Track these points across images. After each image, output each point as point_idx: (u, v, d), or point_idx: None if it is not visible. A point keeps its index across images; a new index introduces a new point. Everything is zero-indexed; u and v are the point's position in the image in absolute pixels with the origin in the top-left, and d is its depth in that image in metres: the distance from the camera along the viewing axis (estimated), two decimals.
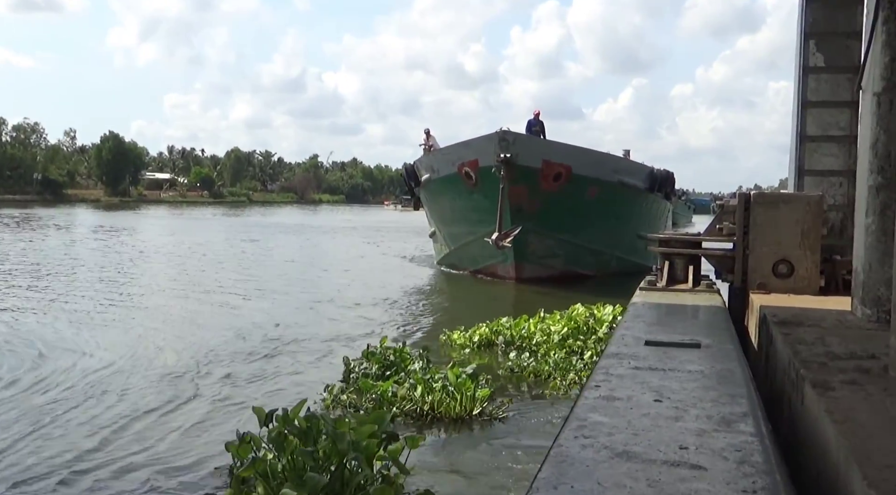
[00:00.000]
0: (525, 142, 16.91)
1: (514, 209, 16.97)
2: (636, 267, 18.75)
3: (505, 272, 18.38)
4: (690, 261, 6.82)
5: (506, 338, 9.50)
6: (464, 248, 19.74)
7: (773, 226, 6.30)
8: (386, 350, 7.64)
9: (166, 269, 18.32)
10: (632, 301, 5.44)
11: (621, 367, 3.39)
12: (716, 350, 3.76)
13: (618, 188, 18.57)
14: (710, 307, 5.30)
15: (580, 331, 9.35)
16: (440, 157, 19.16)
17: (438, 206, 20.91)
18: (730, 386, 3.12)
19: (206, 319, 10.91)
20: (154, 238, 29.47)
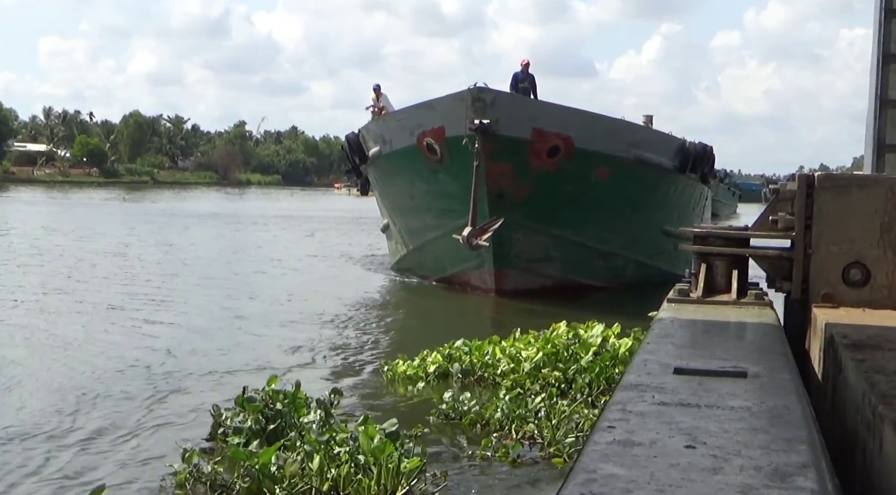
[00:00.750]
0: (509, 103, 16.93)
1: (494, 195, 16.99)
2: (661, 275, 18.99)
3: (481, 281, 18.47)
4: (734, 263, 6.87)
5: (463, 367, 9.80)
6: (426, 249, 19.91)
7: (844, 219, 6.36)
8: (275, 394, 7.46)
9: (40, 276, 18.12)
10: (657, 316, 5.48)
11: (643, 402, 3.42)
12: (767, 380, 3.80)
13: (636, 167, 18.63)
14: (760, 325, 5.34)
15: (559, 357, 9.63)
16: (393, 124, 19.19)
17: (392, 191, 21.05)
18: (785, 427, 3.14)
19: (86, 345, 10.93)
20: (24, 231, 29.13)
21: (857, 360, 4.52)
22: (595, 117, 18.29)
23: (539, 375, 9.46)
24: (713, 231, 7.29)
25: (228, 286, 18.00)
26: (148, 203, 56.06)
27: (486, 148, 16.33)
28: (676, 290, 6.69)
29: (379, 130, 20.14)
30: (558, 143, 17.30)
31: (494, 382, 9.50)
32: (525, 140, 16.86)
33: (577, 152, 17.50)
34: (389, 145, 19.39)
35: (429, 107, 17.75)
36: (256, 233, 32.76)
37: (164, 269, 21.02)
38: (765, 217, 7.07)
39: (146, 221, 36.38)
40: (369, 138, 20.62)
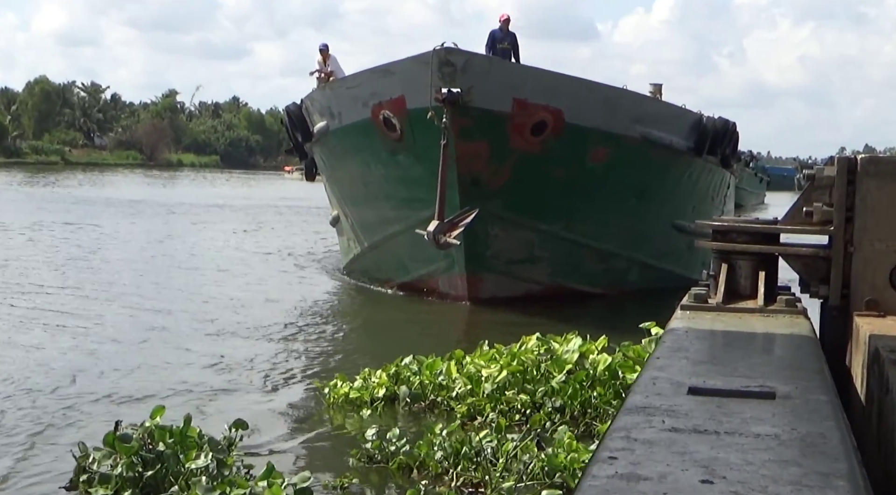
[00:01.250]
0: (484, 67, 16.56)
1: (466, 181, 16.78)
2: (672, 279, 18.90)
3: (450, 287, 18.29)
4: (761, 263, 6.97)
5: (412, 390, 9.84)
6: (384, 247, 19.79)
7: (893, 210, 6.45)
8: (159, 431, 7.07)
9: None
10: (669, 325, 5.55)
11: (650, 429, 3.47)
12: (800, 402, 3.87)
13: (641, 148, 18.42)
14: (792, 336, 5.42)
15: (527, 377, 9.65)
16: (343, 94, 18.96)
17: (342, 175, 20.96)
18: (821, 459, 3.20)
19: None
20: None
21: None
22: (591, 86, 18.03)
23: (502, 399, 9.51)
24: (736, 225, 7.39)
25: (152, 291, 18.13)
26: (58, 188, 55.52)
27: (457, 123, 16.09)
28: (692, 295, 6.77)
29: (326, 101, 19.90)
30: (545, 118, 17.05)
31: (449, 408, 9.57)
32: (504, 113, 16.62)
33: (569, 129, 17.25)
34: (338, 119, 19.23)
35: (386, 72, 17.45)
36: (187, 226, 32.72)
37: (76, 270, 21.17)
38: (798, 208, 7.16)
39: (56, 211, 36.09)
40: (314, 110, 20.51)
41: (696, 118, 20.52)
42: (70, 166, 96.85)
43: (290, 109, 21.78)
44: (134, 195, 50.89)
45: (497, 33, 20.57)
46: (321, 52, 22.85)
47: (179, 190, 61.63)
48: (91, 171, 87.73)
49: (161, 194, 54.79)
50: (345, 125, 18.90)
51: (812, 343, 5.45)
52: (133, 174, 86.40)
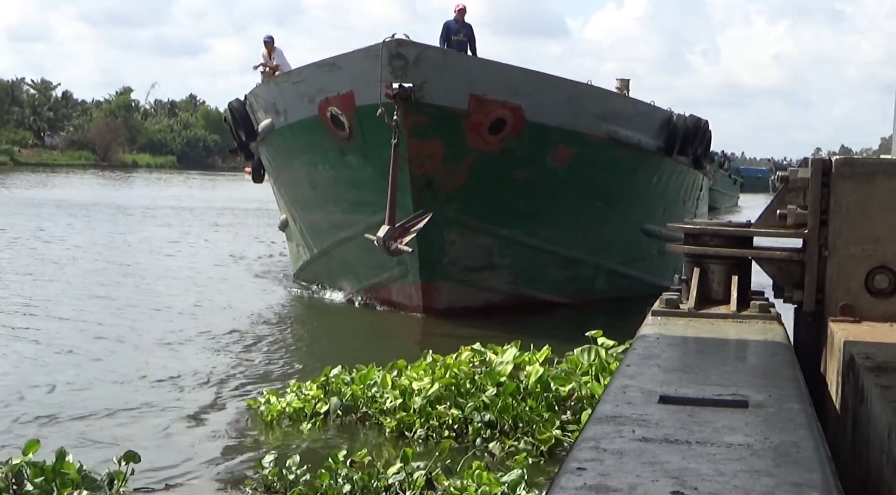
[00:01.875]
0: (438, 61, 15.94)
1: (419, 183, 16.19)
2: (642, 287, 18.58)
3: (404, 297, 17.69)
4: (734, 268, 6.99)
5: (343, 402, 9.69)
6: (334, 253, 19.23)
7: (868, 214, 6.48)
8: (33, 469, 6.54)
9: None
10: (640, 331, 5.54)
11: (620, 438, 3.46)
12: (773, 411, 3.86)
13: (607, 148, 17.88)
14: (766, 343, 5.43)
15: (460, 390, 9.43)
16: (288, 89, 18.24)
17: (289, 177, 20.29)
18: (795, 469, 3.20)
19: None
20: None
21: (883, 387, 4.59)
22: (553, 82, 17.32)
23: (432, 413, 9.28)
24: (708, 228, 7.40)
25: (99, 300, 17.95)
26: (5, 189, 54.93)
27: (409, 120, 15.50)
28: (663, 301, 6.78)
29: (270, 97, 19.17)
30: (504, 115, 16.39)
31: (379, 420, 9.45)
32: (460, 110, 15.96)
33: (530, 127, 16.65)
34: (284, 116, 18.54)
35: (333, 66, 16.71)
36: (138, 231, 32.49)
37: (24, 268, 21.35)
38: (771, 211, 7.18)
39: (5, 211, 35.73)
40: (258, 107, 19.79)
41: (665, 116, 19.96)
42: (19, 167, 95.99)
43: (233, 106, 20.90)
44: (85, 197, 50.64)
45: (452, 24, 20.04)
46: (266, 45, 22.10)
47: (134, 191, 61.43)
48: (41, 172, 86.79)
49: (115, 195, 54.53)
50: (290, 123, 18.30)
51: (786, 349, 5.46)
52: (85, 175, 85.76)
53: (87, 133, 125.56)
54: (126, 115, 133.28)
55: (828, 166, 6.85)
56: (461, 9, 20.09)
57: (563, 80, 17.54)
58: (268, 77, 20.88)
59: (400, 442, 9.03)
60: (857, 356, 5.11)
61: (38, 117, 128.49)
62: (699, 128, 20.56)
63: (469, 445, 8.80)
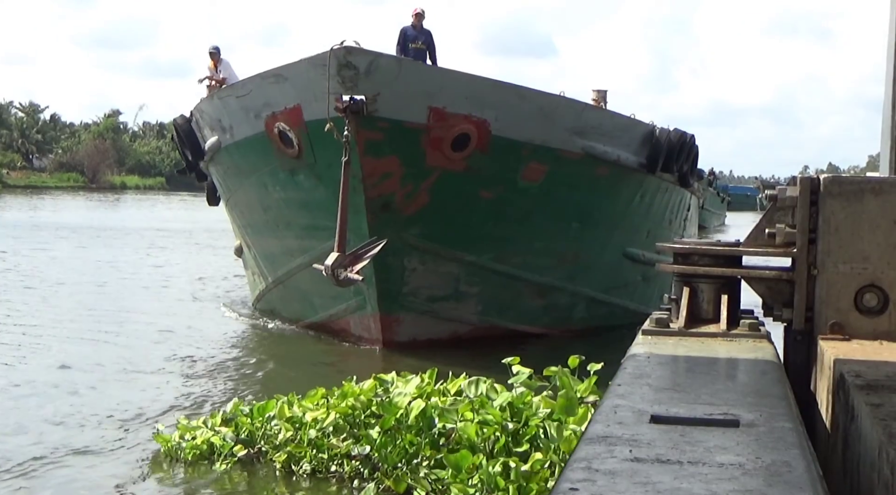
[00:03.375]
0: (393, 70, 14.90)
1: (376, 205, 15.30)
2: (625, 315, 17.91)
3: (363, 329, 16.72)
4: (724, 287, 7.15)
5: (239, 434, 9.54)
6: (289, 282, 18.20)
7: (857, 232, 6.63)
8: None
9: None
10: (631, 351, 5.63)
11: (612, 459, 3.55)
12: (764, 430, 3.94)
13: (583, 164, 16.85)
14: (756, 361, 5.53)
15: (356, 419, 9.22)
16: (233, 104, 17.09)
17: (240, 199, 19.25)
18: (786, 488, 3.29)
19: None
20: None
21: (873, 405, 4.66)
22: (522, 93, 16.18)
23: (325, 445, 9.04)
24: (698, 247, 7.50)
25: (50, 328, 17.92)
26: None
27: (361, 137, 14.53)
28: (653, 320, 6.92)
29: (215, 112, 17.98)
30: (468, 130, 15.37)
31: (271, 454, 9.29)
32: (419, 125, 15.00)
33: (497, 143, 15.64)
34: (230, 133, 17.48)
35: (278, 77, 15.68)
36: (114, 254, 32.42)
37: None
38: (760, 229, 7.32)
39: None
40: (204, 124, 18.69)
41: (647, 130, 18.91)
42: (8, 189, 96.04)
43: (178, 123, 19.75)
44: (75, 219, 50.43)
45: (409, 31, 19.05)
46: (211, 56, 21.06)
47: (120, 213, 61.94)
48: (30, 193, 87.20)
49: (104, 217, 54.61)
50: (237, 140, 17.22)
51: (776, 368, 5.55)
52: (74, 197, 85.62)
53: (76, 155, 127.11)
54: (114, 137, 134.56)
55: (816, 184, 6.98)
56: (419, 13, 19.13)
57: (533, 92, 16.49)
58: (211, 90, 19.98)
59: (291, 478, 8.98)
60: (847, 374, 5.19)
61: (27, 140, 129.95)
62: (684, 143, 19.47)
63: (346, 484, 8.68)
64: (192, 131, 19.20)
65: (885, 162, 8.03)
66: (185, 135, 19.44)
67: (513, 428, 8.53)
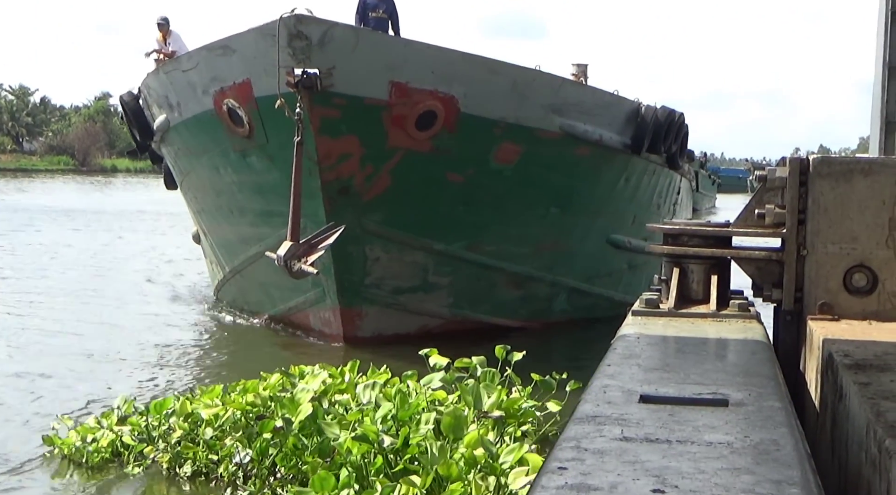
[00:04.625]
0: (349, 41, 13.90)
1: (333, 189, 14.50)
2: (610, 306, 17.32)
3: (323, 324, 15.93)
4: (714, 268, 7.29)
5: (139, 433, 9.14)
6: (246, 272, 17.38)
7: (846, 213, 6.74)
8: None
9: None
10: (620, 331, 5.74)
11: (601, 438, 3.64)
12: (753, 409, 4.04)
13: (562, 144, 15.92)
14: (745, 341, 5.63)
15: (255, 417, 8.83)
16: (179, 79, 16.17)
17: (193, 182, 18.37)
18: (774, 467, 3.37)
19: None
20: None
21: (861, 384, 4.74)
22: (493, 66, 15.14)
23: (217, 446, 8.64)
24: (688, 228, 7.66)
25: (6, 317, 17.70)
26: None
27: (315, 114, 13.62)
28: (643, 301, 7.10)
29: (162, 89, 16.95)
30: (434, 107, 14.40)
31: (169, 455, 8.87)
32: (380, 101, 14.06)
33: (466, 121, 14.69)
34: (178, 111, 16.51)
35: (225, 49, 14.67)
36: (97, 237, 32.48)
37: None
38: (750, 210, 7.46)
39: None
40: (152, 101, 17.72)
41: (632, 107, 17.82)
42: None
43: (125, 100, 18.62)
44: (66, 201, 50.33)
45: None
46: (159, 28, 19.79)
47: (111, 197, 62.17)
48: (20, 176, 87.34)
49: (96, 200, 54.44)
50: (185, 119, 16.27)
51: (765, 348, 5.67)
52: (65, 180, 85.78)
53: (66, 138, 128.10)
54: (105, 119, 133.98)
55: (805, 165, 7.11)
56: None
57: (506, 65, 15.39)
58: (160, 64, 18.77)
59: (172, 480, 8.61)
60: (835, 354, 5.28)
61: (17, 123, 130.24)
62: (673, 122, 18.46)
63: (221, 491, 8.36)
64: (140, 109, 18.27)
65: (875, 143, 8.09)
66: (132, 114, 18.40)
67: (389, 446, 7.72)
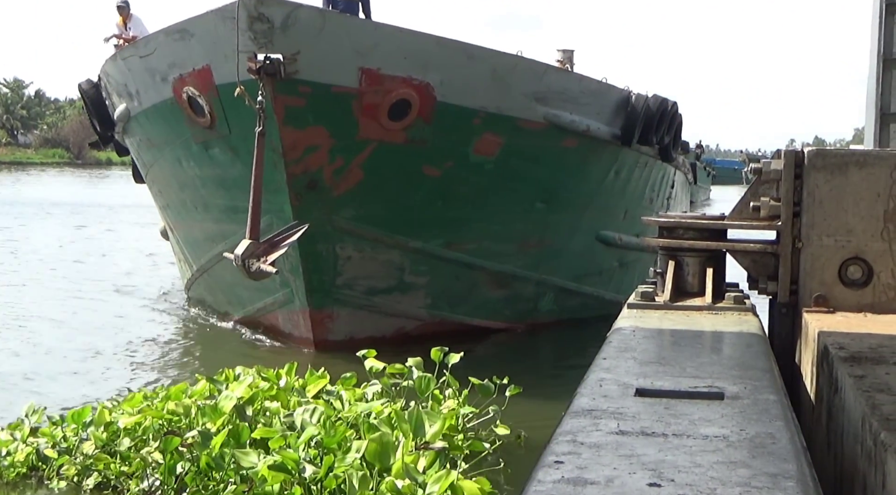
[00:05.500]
0: (315, 24, 13.14)
1: (300, 183, 13.83)
2: (599, 305, 16.76)
3: (292, 327, 15.20)
4: (709, 260, 7.40)
5: (55, 444, 8.57)
6: (214, 271, 16.57)
7: (841, 205, 6.75)
8: None
9: None
10: (616, 324, 5.78)
11: (597, 432, 3.68)
12: (748, 402, 4.09)
13: (547, 135, 15.20)
14: (741, 334, 5.67)
15: (171, 428, 8.42)
16: (136, 66, 15.42)
17: (156, 175, 17.63)
18: (770, 459, 3.41)
19: None
20: None
21: (857, 377, 4.77)
22: (471, 51, 14.39)
23: (132, 457, 8.06)
24: (683, 221, 7.66)
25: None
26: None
27: (279, 103, 12.94)
28: (639, 293, 7.22)
29: (121, 76, 16.16)
30: (408, 95, 13.61)
31: (58, 471, 8.50)
32: (349, 89, 13.31)
33: (443, 110, 13.93)
34: (137, 100, 15.78)
35: (183, 33, 13.97)
36: (82, 231, 32.42)
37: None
38: (745, 203, 7.54)
39: None
40: (112, 89, 16.98)
41: (621, 96, 17.03)
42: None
43: (83, 88, 17.75)
44: (59, 195, 50.05)
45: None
46: (119, 11, 18.84)
47: (106, 190, 61.76)
48: (14, 170, 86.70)
49: (92, 193, 54.12)
50: (146, 108, 15.52)
51: (761, 341, 5.73)
52: (60, 173, 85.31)
53: (61, 131, 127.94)
54: None
55: (800, 158, 7.20)
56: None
57: (485, 50, 14.57)
58: (119, 50, 18.32)
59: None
60: (830, 346, 5.32)
61: (11, 116, 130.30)
62: (665, 111, 17.58)
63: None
64: (100, 98, 17.38)
65: (870, 135, 8.13)
66: (92, 103, 17.57)
67: (311, 476, 7.09)
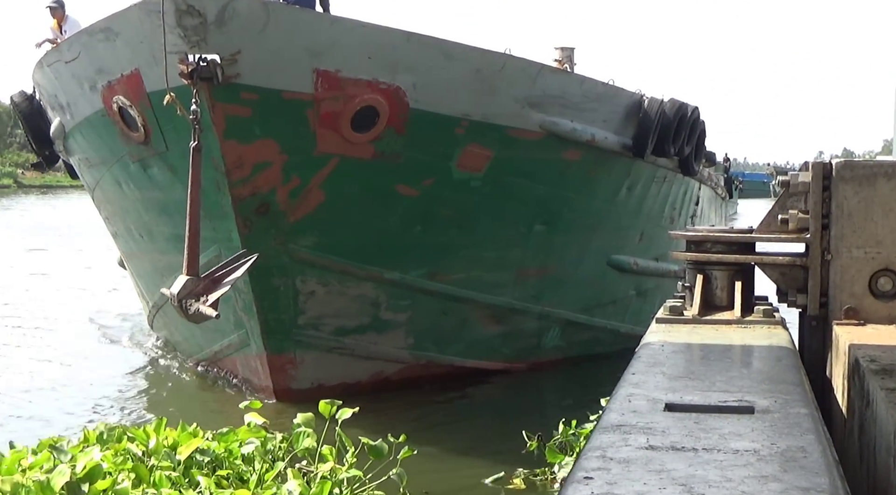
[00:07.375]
0: (256, 17, 11.70)
1: (249, 207, 12.39)
2: (615, 339, 15.59)
3: (251, 373, 14.01)
4: (738, 274, 7.54)
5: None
6: (167, 308, 15.39)
7: (870, 216, 6.73)
8: None
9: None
10: (644, 339, 5.71)
11: (627, 447, 3.76)
12: (779, 416, 4.13)
13: (544, 147, 13.81)
14: (771, 347, 5.73)
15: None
16: (64, 72, 14.17)
17: (99, 198, 16.25)
18: (802, 473, 3.47)
19: None
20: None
21: (889, 389, 4.79)
22: (449, 50, 12.93)
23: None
24: (711, 235, 7.66)
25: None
26: (14, 211, 54.77)
27: (220, 113, 11.57)
28: (668, 308, 7.33)
29: (50, 85, 14.71)
30: (375, 102, 12.17)
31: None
32: (302, 95, 11.94)
33: (418, 119, 12.60)
34: (69, 113, 14.33)
35: (107, 32, 12.55)
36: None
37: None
38: (773, 216, 7.60)
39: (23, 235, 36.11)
40: (45, 100, 15.47)
41: (632, 100, 15.32)
42: (23, 189, 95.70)
43: (16, 101, 15.84)
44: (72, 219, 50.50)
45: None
46: (52, 12, 17.02)
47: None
48: (47, 194, 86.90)
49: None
50: (78, 122, 14.06)
51: (791, 354, 5.76)
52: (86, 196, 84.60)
53: None
54: None
55: (828, 170, 7.29)
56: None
57: (466, 48, 13.01)
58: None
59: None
60: (862, 359, 5.34)
61: None
62: (684, 118, 15.67)
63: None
64: (34, 112, 15.43)
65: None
66: (25, 119, 15.81)
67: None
